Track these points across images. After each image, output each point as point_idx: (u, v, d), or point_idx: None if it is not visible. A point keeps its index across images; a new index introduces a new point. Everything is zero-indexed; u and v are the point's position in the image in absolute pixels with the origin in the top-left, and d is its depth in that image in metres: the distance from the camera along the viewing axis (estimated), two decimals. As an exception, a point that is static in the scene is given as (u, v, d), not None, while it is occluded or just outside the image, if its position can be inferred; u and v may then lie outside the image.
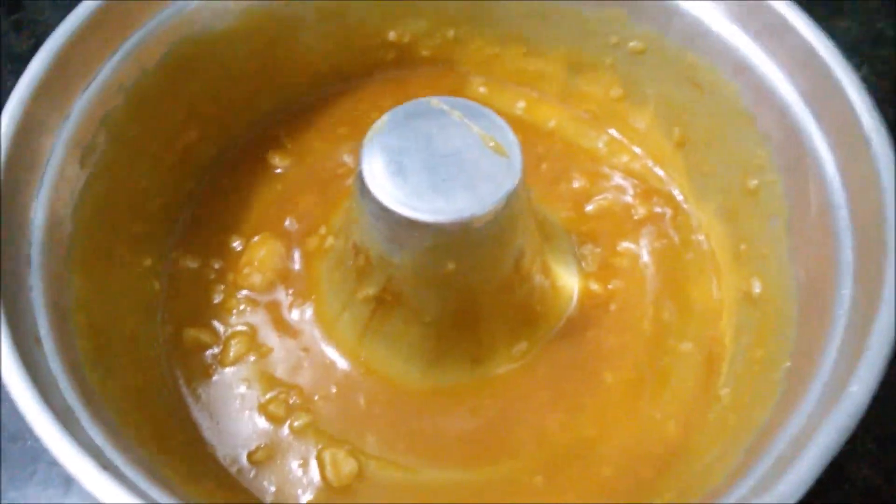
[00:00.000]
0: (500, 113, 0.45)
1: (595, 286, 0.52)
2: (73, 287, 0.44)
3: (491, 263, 0.46)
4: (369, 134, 0.44)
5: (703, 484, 0.42)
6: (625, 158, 0.57)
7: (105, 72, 0.48)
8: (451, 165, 0.43)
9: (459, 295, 0.47)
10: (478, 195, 0.42)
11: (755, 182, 0.49)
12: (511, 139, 0.44)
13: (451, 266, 0.44)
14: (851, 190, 0.43)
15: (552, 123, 0.58)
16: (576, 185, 0.56)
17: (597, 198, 0.55)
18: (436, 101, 0.45)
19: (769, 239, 0.48)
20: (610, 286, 0.52)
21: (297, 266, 0.53)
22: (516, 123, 0.45)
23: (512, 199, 0.43)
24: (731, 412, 0.46)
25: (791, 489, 0.34)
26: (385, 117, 0.44)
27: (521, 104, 0.59)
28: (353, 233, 0.47)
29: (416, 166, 0.43)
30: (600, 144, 0.58)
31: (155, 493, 0.36)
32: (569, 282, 0.52)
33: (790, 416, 0.39)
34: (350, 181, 0.54)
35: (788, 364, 0.42)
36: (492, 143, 0.44)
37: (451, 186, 0.42)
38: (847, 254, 0.42)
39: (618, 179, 0.56)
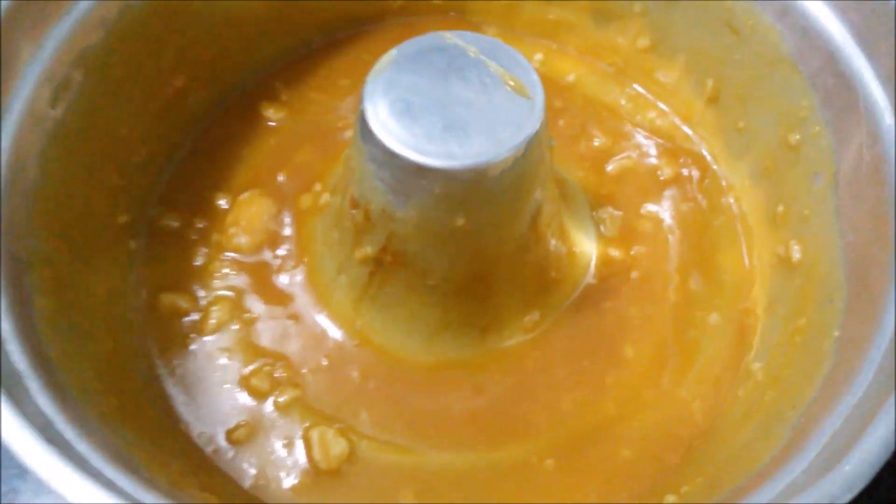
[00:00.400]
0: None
1: (615, 252, 0.48)
2: (35, 239, 0.40)
3: (505, 219, 0.41)
4: (374, 70, 0.39)
5: (741, 467, 0.37)
6: (650, 115, 0.52)
7: (84, 2, 0.43)
8: (465, 106, 0.38)
9: (468, 255, 0.42)
10: (495, 139, 0.37)
11: (797, 137, 0.44)
12: (533, 79, 0.39)
13: (460, 221, 0.39)
14: (911, 141, 0.38)
15: (571, 77, 0.54)
16: (596, 143, 0.51)
17: (618, 157, 0.51)
18: (450, 36, 0.40)
19: (812, 199, 0.43)
20: (631, 252, 0.48)
21: (288, 226, 0.48)
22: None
23: (533, 144, 0.38)
24: (768, 388, 0.41)
25: (858, 469, 0.29)
26: (393, 52, 0.39)
27: (539, 56, 0.54)
28: (352, 185, 0.42)
29: (426, 106, 0.38)
30: (623, 101, 0.53)
31: (110, 471, 0.32)
32: (586, 247, 0.47)
33: (845, 388, 0.35)
34: (350, 134, 0.50)
35: (838, 333, 0.38)
36: (512, 83, 0.39)
37: (465, 129, 0.37)
38: (905, 211, 0.38)
39: (641, 138, 0.51)
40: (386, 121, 0.38)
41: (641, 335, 0.46)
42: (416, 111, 0.38)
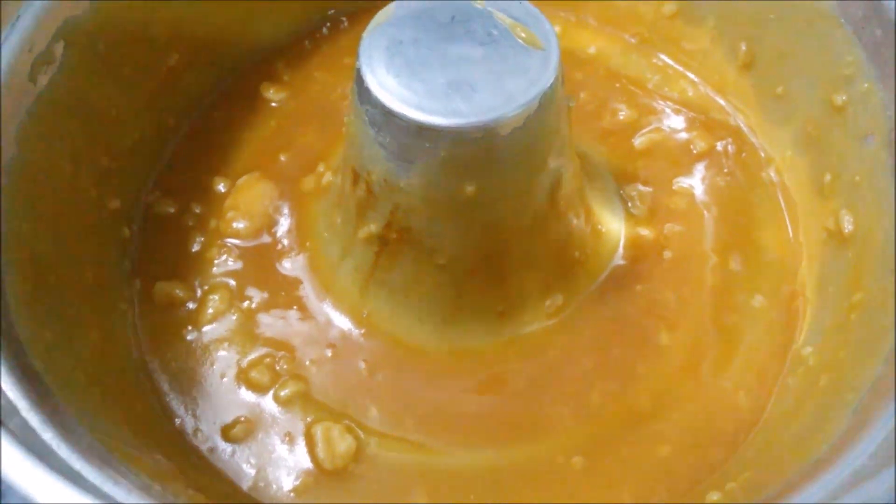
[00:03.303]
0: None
1: (645, 231, 0.44)
2: (11, 219, 0.37)
3: (520, 188, 0.37)
4: (371, 24, 0.36)
5: (795, 459, 0.33)
6: (679, 87, 0.49)
7: (68, -30, 0.41)
8: (471, 60, 0.35)
9: (480, 230, 0.38)
10: (505, 94, 0.34)
11: (843, 97, 0.40)
12: (547, 29, 0.36)
13: (469, 189, 0.36)
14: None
15: (592, 50, 0.50)
16: (621, 116, 0.47)
17: (645, 131, 0.47)
18: (454, -13, 0.37)
19: (863, 163, 0.39)
20: (664, 231, 0.44)
21: (290, 210, 0.45)
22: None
23: (547, 101, 0.35)
24: (823, 373, 0.37)
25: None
26: (391, 6, 0.36)
27: (556, 29, 0.50)
28: (352, 155, 0.39)
29: (427, 61, 0.35)
30: (649, 73, 0.49)
31: (76, 461, 0.28)
32: (614, 226, 0.44)
33: None
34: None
35: (902, 305, 0.34)
36: (523, 34, 0.35)
37: (471, 84, 0.34)
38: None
39: (670, 111, 0.48)
40: (384, 78, 0.34)
41: (677, 321, 0.42)
42: (416, 67, 0.35)
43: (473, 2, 0.36)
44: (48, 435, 0.29)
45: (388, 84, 0.34)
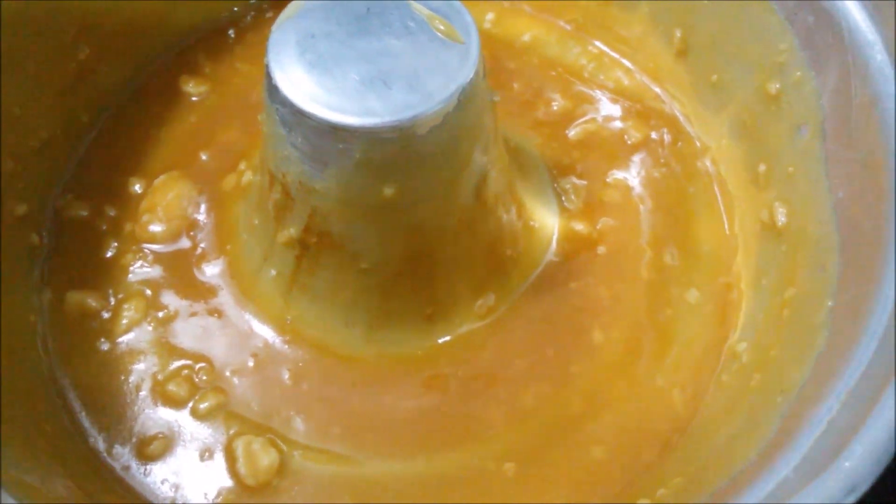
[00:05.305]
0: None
1: (580, 226, 0.42)
2: None
3: (442, 188, 0.36)
4: (281, 17, 0.34)
5: (725, 465, 0.32)
6: (615, 75, 0.47)
7: (-45, -37, 0.38)
8: (386, 55, 0.33)
9: (403, 233, 0.37)
10: (423, 91, 0.32)
11: (776, 85, 0.39)
12: (467, 20, 0.34)
13: (388, 191, 0.34)
14: (908, 76, 0.33)
15: (526, 37, 0.48)
16: (555, 107, 0.46)
17: (580, 121, 0.45)
18: (369, -23, 0.35)
19: (797, 154, 0.38)
20: (598, 226, 0.42)
21: (209, 211, 0.43)
22: (483, 38, 0.35)
23: (467, 97, 0.33)
24: (755, 371, 0.36)
25: (861, 465, 0.24)
26: (301, -3, 0.34)
27: (490, 16, 0.49)
28: (267, 157, 0.37)
29: (341, 56, 0.33)
30: (584, 60, 0.48)
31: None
32: (547, 221, 0.42)
33: (841, 366, 0.30)
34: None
35: (832, 303, 0.33)
36: (441, 27, 0.33)
37: (386, 81, 0.32)
38: (904, 158, 0.32)
39: (606, 100, 0.46)
40: (294, 75, 0.32)
41: (611, 318, 0.41)
42: (329, 63, 0.33)
43: (388, -8, 0.34)
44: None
45: (298, 81, 0.32)
